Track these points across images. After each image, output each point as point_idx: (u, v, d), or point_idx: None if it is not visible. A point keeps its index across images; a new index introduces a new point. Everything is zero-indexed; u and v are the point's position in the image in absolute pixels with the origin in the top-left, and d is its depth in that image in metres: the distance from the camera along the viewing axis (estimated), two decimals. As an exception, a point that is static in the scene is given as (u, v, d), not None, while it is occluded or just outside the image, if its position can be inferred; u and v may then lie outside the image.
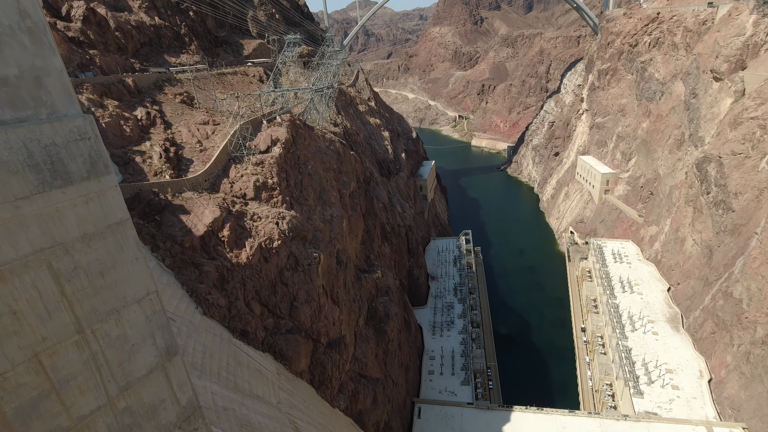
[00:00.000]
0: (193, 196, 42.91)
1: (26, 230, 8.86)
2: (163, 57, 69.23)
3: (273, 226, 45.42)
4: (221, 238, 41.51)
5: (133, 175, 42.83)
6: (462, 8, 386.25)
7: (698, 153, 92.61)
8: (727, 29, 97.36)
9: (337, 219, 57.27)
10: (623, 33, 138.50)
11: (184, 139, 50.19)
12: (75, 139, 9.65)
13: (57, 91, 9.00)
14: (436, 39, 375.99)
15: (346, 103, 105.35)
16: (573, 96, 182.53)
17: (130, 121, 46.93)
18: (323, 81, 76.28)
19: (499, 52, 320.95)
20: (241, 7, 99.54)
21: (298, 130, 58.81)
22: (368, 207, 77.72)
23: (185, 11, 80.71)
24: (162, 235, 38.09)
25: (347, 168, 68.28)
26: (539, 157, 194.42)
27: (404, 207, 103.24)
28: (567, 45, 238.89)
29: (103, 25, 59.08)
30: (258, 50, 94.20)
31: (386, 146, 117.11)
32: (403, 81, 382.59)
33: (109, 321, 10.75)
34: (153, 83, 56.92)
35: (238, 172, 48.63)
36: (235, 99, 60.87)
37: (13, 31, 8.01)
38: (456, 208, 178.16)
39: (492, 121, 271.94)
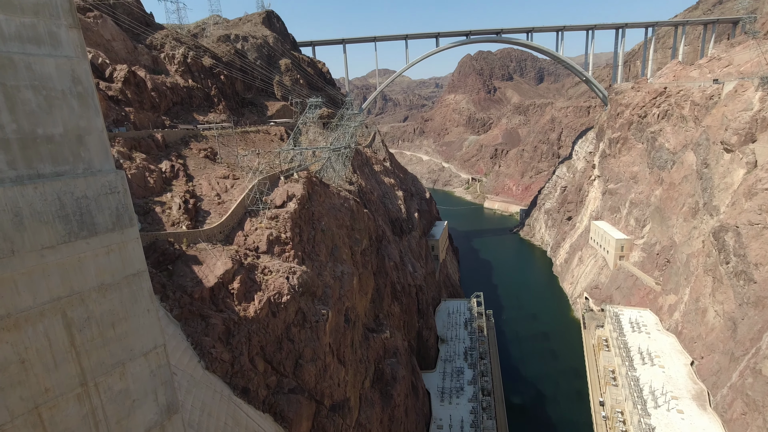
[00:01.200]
0: (207, 247, 43.54)
1: (47, 279, 9.16)
2: (192, 115, 73.38)
3: (283, 280, 45.38)
4: (231, 291, 41.49)
5: (152, 225, 43.91)
6: (476, 78, 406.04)
7: (714, 222, 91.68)
8: (734, 104, 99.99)
9: (348, 276, 57.02)
10: (632, 105, 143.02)
11: (203, 192, 51.83)
12: (105, 192, 10.21)
13: (96, 149, 9.68)
14: (451, 105, 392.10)
15: (362, 163, 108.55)
16: (584, 162, 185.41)
17: (154, 173, 48.93)
18: (341, 141, 79.32)
19: (511, 118, 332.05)
20: (269, 72, 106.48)
21: (314, 186, 60.39)
22: (379, 265, 77.44)
23: (217, 75, 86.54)
24: (173, 284, 38.30)
25: (360, 225, 69.00)
26: (552, 220, 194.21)
27: (415, 266, 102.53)
28: (577, 114, 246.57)
29: (141, 86, 63.50)
30: (281, 111, 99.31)
31: (400, 205, 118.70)
32: (418, 143, 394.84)
33: (113, 374, 10.68)
34: (180, 139, 59.88)
35: (253, 226, 49.53)
36: (255, 155, 63.38)
37: (65, 95, 8.82)
38: (468, 270, 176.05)
39: (505, 184, 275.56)
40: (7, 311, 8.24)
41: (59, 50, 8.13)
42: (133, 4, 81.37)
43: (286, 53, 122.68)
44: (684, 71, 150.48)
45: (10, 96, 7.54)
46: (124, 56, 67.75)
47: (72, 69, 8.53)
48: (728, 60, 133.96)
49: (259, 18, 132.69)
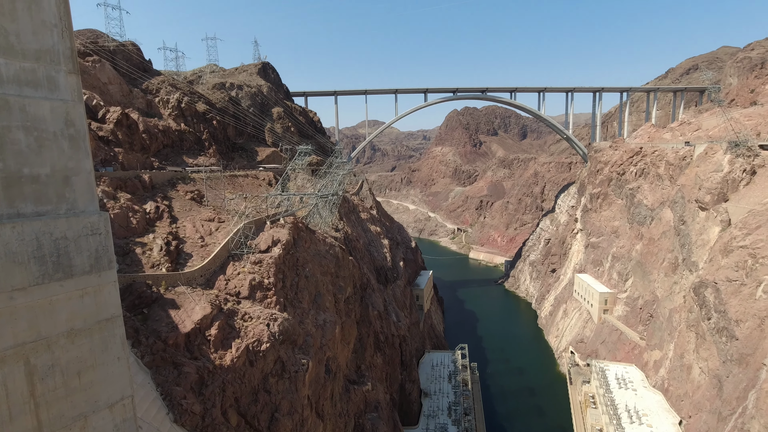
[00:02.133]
0: (186, 290, 42.36)
1: (14, 323, 8.73)
2: (182, 157, 73.84)
3: (263, 327, 44.01)
4: (208, 337, 39.96)
5: (130, 266, 42.80)
6: (462, 132, 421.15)
7: (694, 278, 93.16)
8: (705, 165, 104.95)
9: (330, 324, 55.63)
10: (611, 162, 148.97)
11: (187, 234, 51.15)
12: (86, 234, 10.02)
13: (81, 190, 9.62)
14: (438, 157, 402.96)
15: (349, 210, 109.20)
16: (567, 216, 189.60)
17: (138, 213, 48.37)
18: (329, 188, 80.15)
19: (496, 171, 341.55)
20: (261, 120, 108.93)
21: (299, 232, 60.17)
22: (363, 314, 75.93)
23: (210, 120, 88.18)
24: (146, 329, 36.81)
25: (345, 273, 68.29)
26: (536, 272, 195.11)
27: (399, 316, 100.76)
28: (559, 170, 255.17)
29: (132, 128, 64.18)
30: (271, 157, 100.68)
31: (385, 254, 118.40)
32: (405, 193, 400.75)
33: (74, 428, 9.95)
34: (168, 180, 59.84)
35: (236, 270, 48.62)
36: (242, 199, 63.41)
37: (56, 137, 8.89)
38: (452, 321, 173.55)
39: (490, 235, 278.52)
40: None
41: (56, 94, 8.29)
42: (132, 51, 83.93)
43: (279, 102, 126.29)
44: (657, 133, 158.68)
45: (1, 137, 7.59)
46: (119, 99, 68.91)
47: (66, 112, 8.66)
48: (697, 125, 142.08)
49: (255, 69, 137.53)
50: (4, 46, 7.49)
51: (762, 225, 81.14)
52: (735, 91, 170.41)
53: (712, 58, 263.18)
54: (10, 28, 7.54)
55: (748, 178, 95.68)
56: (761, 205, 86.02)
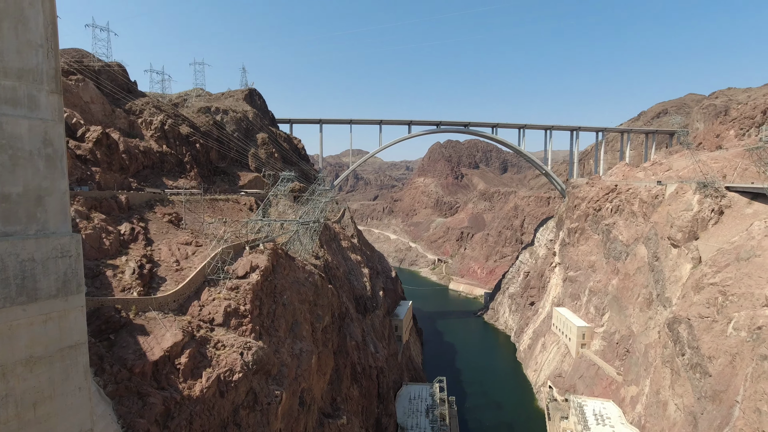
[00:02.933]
0: (157, 316, 40.89)
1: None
2: (161, 179, 72.77)
3: (237, 356, 42.56)
4: (177, 366, 38.36)
5: (99, 289, 41.24)
6: (445, 164, 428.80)
7: (667, 313, 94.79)
8: (676, 204, 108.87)
9: (307, 354, 54.19)
10: (587, 198, 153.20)
11: (162, 257, 49.82)
12: (56, 256, 9.65)
13: (54, 210, 9.35)
14: (420, 188, 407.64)
15: (330, 238, 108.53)
16: (546, 249, 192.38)
17: (112, 234, 47.04)
18: (310, 215, 79.79)
19: (477, 204, 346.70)
20: (245, 145, 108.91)
21: (279, 259, 59.31)
22: (340, 344, 74.33)
23: (193, 143, 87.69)
24: (112, 356, 35.17)
25: (323, 301, 67.18)
26: (515, 305, 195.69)
27: (378, 347, 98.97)
28: (539, 204, 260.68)
29: (112, 147, 63.25)
30: (253, 182, 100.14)
31: (365, 283, 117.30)
32: (387, 222, 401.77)
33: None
34: (145, 202, 58.68)
35: (211, 296, 47.32)
36: (222, 223, 62.45)
37: (32, 156, 8.70)
38: (431, 353, 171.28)
39: (470, 266, 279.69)
40: None
41: (35, 113, 8.17)
42: (117, 72, 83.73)
43: (264, 128, 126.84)
44: (631, 172, 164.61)
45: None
46: (100, 118, 68.15)
47: (45, 131, 8.52)
48: (668, 165, 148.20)
49: (242, 94, 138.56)
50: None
51: (730, 263, 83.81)
52: (702, 135, 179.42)
53: (680, 104, 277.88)
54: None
55: (717, 217, 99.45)
56: (729, 244, 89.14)
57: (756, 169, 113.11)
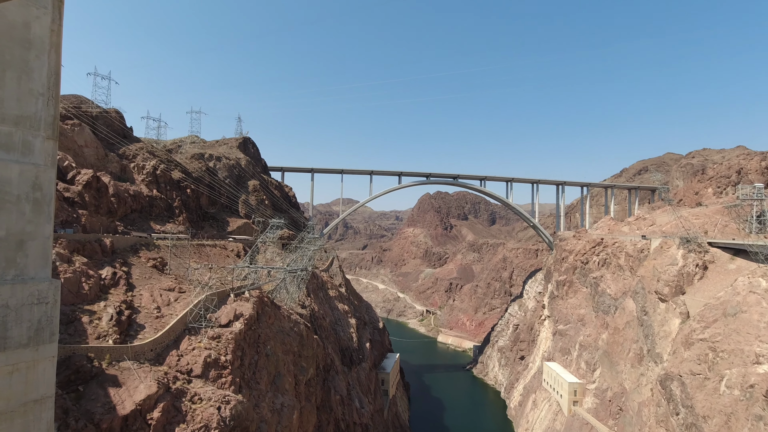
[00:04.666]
0: (131, 366, 39.04)
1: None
2: (149, 223, 72.11)
3: (214, 411, 40.35)
4: (149, 421, 36.16)
5: (73, 336, 39.53)
6: (434, 215, 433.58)
7: (659, 370, 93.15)
8: (662, 258, 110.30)
9: (288, 410, 51.60)
10: (575, 251, 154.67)
11: (143, 303, 48.35)
12: (31, 302, 9.32)
13: (35, 255, 9.15)
14: (410, 238, 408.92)
15: (317, 287, 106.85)
16: (535, 302, 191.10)
17: (92, 278, 45.81)
18: (298, 263, 78.97)
19: (466, 255, 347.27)
20: (236, 191, 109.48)
21: (264, 307, 57.91)
22: (324, 398, 71.11)
23: (184, 188, 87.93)
24: (79, 410, 33.12)
25: (308, 353, 64.98)
26: (505, 359, 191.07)
27: (363, 402, 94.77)
28: (527, 256, 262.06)
29: (102, 191, 63.08)
30: (242, 228, 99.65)
31: (352, 334, 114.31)
32: (375, 272, 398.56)
33: None
34: (130, 246, 57.76)
35: (191, 345, 45.55)
36: (207, 269, 61.36)
37: (19, 200, 8.64)
38: (418, 409, 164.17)
39: (458, 318, 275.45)
40: None
41: (28, 158, 8.24)
42: (114, 117, 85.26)
43: (256, 175, 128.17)
44: (616, 226, 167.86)
45: (-43, 196, 7.34)
46: (93, 162, 68.45)
47: (36, 176, 8.54)
48: (652, 220, 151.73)
49: (236, 142, 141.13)
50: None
51: (718, 319, 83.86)
52: (682, 192, 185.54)
53: (659, 162, 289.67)
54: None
55: (701, 272, 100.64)
56: (715, 299, 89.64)
57: (735, 226, 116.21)
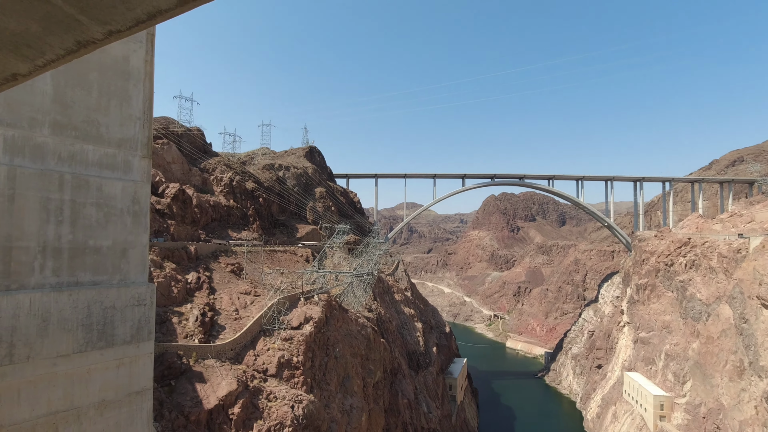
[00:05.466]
0: (214, 364, 41.97)
1: (51, 390, 8.90)
2: (227, 231, 77.41)
3: (287, 409, 42.19)
4: (230, 416, 38.61)
5: (165, 335, 43.31)
6: (500, 217, 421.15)
7: (764, 385, 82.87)
8: (764, 259, 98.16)
9: (357, 411, 52.60)
10: (657, 252, 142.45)
11: (223, 306, 51.86)
12: (133, 304, 10.47)
13: (135, 262, 10.27)
14: (475, 241, 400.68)
15: (383, 290, 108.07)
16: (612, 307, 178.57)
17: (180, 283, 49.97)
18: (364, 267, 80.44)
19: (534, 257, 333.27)
20: (304, 198, 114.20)
21: (332, 310, 59.65)
22: (392, 401, 71.55)
23: (256, 198, 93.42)
24: (171, 402, 36.15)
25: (375, 356, 65.85)
26: (580, 367, 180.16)
27: (430, 407, 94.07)
28: (601, 258, 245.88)
29: (186, 202, 68.86)
30: (310, 234, 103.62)
31: (418, 338, 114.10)
32: (441, 275, 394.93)
33: None
34: (211, 252, 62.31)
35: (266, 346, 48.07)
36: (279, 274, 64.49)
37: (122, 213, 9.78)
38: (487, 416, 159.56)
39: (528, 323, 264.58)
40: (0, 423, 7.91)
41: (129, 175, 9.33)
42: (196, 135, 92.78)
43: (322, 183, 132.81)
44: (706, 224, 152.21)
45: (76, 211, 8.49)
46: (179, 176, 74.92)
47: (135, 191, 9.63)
48: (750, 216, 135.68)
49: (303, 152, 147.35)
50: (94, 136, 8.73)
51: (839, 330, 72.97)
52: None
53: (758, 151, 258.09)
54: (101, 121, 8.81)
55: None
56: (835, 307, 78.12)
57: None
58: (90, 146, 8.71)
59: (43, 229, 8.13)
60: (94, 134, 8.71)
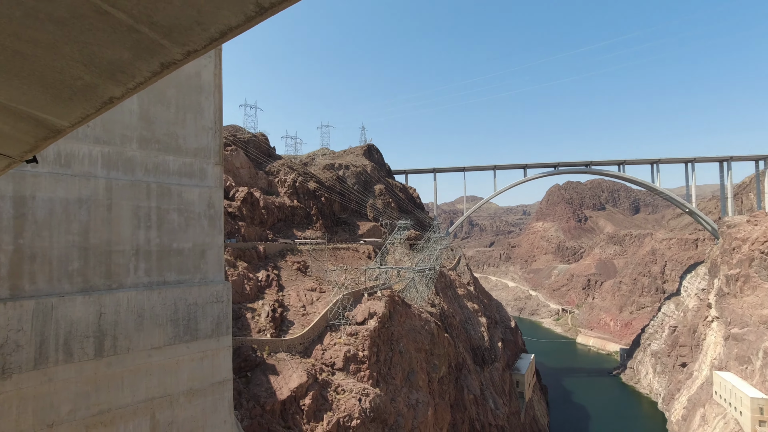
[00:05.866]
0: (285, 357, 44.03)
1: (148, 378, 9.96)
2: (292, 230, 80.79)
3: (355, 402, 43.32)
4: (301, 407, 40.35)
5: (240, 330, 46.13)
6: (565, 207, 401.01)
7: None
8: None
9: (423, 405, 52.78)
10: (751, 239, 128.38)
11: (291, 302, 54.23)
12: (212, 301, 11.37)
13: (212, 262, 11.14)
14: (539, 232, 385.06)
15: (445, 285, 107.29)
16: (697, 300, 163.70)
17: (251, 281, 52.94)
18: (426, 263, 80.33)
19: (605, 248, 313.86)
20: (363, 196, 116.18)
21: (395, 306, 60.23)
22: (457, 397, 70.97)
23: (319, 197, 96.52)
24: (248, 392, 38.44)
25: (439, 351, 65.62)
26: (661, 365, 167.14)
27: (497, 403, 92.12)
28: (683, 247, 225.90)
29: (254, 204, 72.76)
30: (371, 231, 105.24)
31: (482, 332, 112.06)
32: (504, 269, 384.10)
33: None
34: (278, 251, 65.33)
35: (332, 340, 49.62)
36: (343, 271, 66.21)
37: (200, 217, 10.66)
38: (558, 415, 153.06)
39: (600, 318, 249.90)
40: (108, 406, 8.89)
41: (204, 182, 10.15)
42: (261, 140, 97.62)
43: (381, 180, 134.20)
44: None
45: (161, 217, 9.39)
46: (246, 180, 79.31)
47: (210, 196, 10.48)
48: None
49: (361, 150, 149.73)
50: (174, 147, 9.59)
51: None
52: None
53: None
54: (179, 133, 9.65)
55: None
56: None
57: None
58: (171, 157, 9.55)
59: (135, 234, 9.05)
60: (173, 146, 9.55)
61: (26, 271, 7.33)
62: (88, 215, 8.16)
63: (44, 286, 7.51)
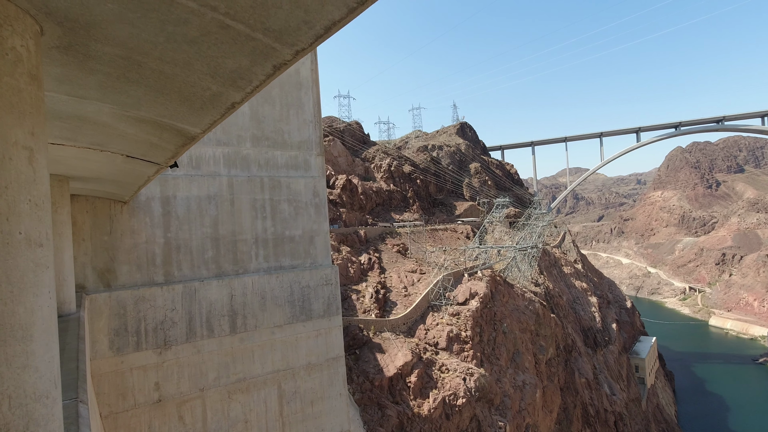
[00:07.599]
0: (390, 336, 45.73)
1: (273, 353, 11.16)
2: (390, 214, 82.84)
3: (460, 381, 43.58)
4: (408, 384, 41.73)
5: (347, 310, 48.91)
6: (690, 172, 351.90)
7: None
8: None
9: (530, 387, 51.25)
10: None
11: (393, 284, 55.93)
12: (322, 284, 12.24)
13: (320, 247, 11.96)
14: (658, 203, 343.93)
15: (549, 264, 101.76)
16: None
17: (355, 264, 55.61)
18: (527, 241, 76.93)
19: (744, 217, 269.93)
20: (459, 176, 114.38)
21: (497, 286, 58.86)
22: (567, 380, 67.51)
23: (414, 180, 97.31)
24: (357, 369, 40.79)
25: (546, 332, 62.84)
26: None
27: (613, 388, 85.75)
28: None
29: (353, 191, 75.94)
30: (468, 211, 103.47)
31: (593, 313, 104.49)
32: (616, 245, 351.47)
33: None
34: (378, 235, 67.57)
35: (434, 321, 50.25)
36: (442, 252, 66.29)
37: (307, 206, 11.49)
38: (687, 405, 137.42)
39: (740, 297, 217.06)
40: (244, 376, 10.13)
41: (308, 172, 10.89)
42: (356, 128, 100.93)
43: (476, 158, 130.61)
44: None
45: (274, 207, 10.32)
46: (344, 168, 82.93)
47: (314, 185, 11.23)
48: None
49: (454, 129, 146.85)
50: (280, 142, 10.42)
51: None
52: None
53: None
54: (285, 129, 10.44)
55: None
56: None
57: None
58: (278, 152, 10.39)
59: (253, 225, 10.07)
60: (280, 141, 10.37)
61: (174, 260, 8.65)
62: (216, 209, 9.26)
63: (188, 272, 8.78)
